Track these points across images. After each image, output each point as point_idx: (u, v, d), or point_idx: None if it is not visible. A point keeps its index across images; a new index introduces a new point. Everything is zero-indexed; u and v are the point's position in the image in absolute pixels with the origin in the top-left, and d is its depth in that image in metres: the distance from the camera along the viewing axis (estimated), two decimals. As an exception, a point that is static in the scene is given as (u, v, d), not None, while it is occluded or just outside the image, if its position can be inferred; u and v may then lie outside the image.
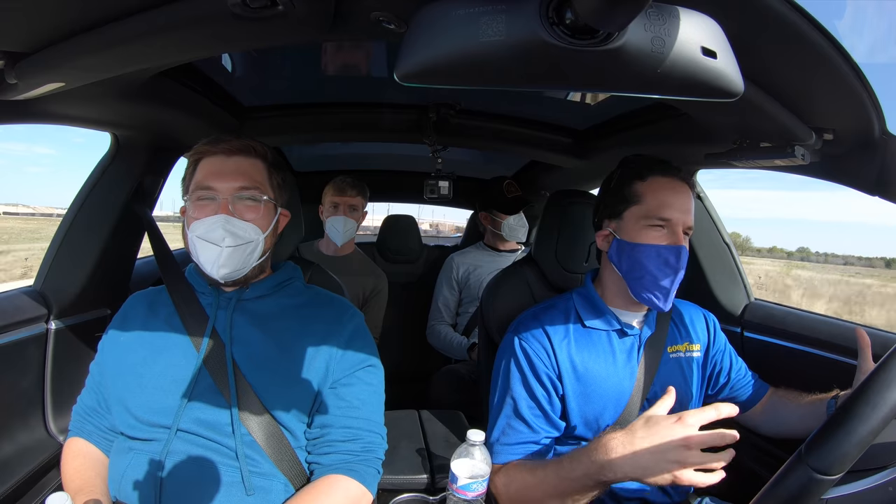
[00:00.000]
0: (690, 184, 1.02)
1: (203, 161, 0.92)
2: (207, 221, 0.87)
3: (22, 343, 1.10)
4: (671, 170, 1.02)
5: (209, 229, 0.87)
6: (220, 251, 0.86)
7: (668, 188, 0.99)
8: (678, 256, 0.96)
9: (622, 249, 1.01)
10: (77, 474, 0.89)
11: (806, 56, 0.66)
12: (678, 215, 0.97)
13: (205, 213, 0.88)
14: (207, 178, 0.90)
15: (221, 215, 0.87)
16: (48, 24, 0.67)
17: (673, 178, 1.01)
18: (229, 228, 0.87)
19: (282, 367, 0.89)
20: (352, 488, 0.87)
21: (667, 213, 0.97)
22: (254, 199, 0.91)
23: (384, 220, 2.58)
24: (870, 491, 0.72)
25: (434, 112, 1.55)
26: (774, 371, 1.18)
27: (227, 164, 0.91)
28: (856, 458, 0.58)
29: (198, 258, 0.89)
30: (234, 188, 0.89)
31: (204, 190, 0.89)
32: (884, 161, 0.89)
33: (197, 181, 0.91)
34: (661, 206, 0.98)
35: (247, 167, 0.92)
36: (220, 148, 0.92)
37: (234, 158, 0.91)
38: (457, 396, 1.79)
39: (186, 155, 1.48)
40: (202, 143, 0.93)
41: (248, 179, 0.90)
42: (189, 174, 0.94)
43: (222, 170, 0.90)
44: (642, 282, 0.98)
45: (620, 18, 0.42)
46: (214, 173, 0.90)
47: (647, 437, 0.79)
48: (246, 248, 0.89)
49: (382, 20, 0.62)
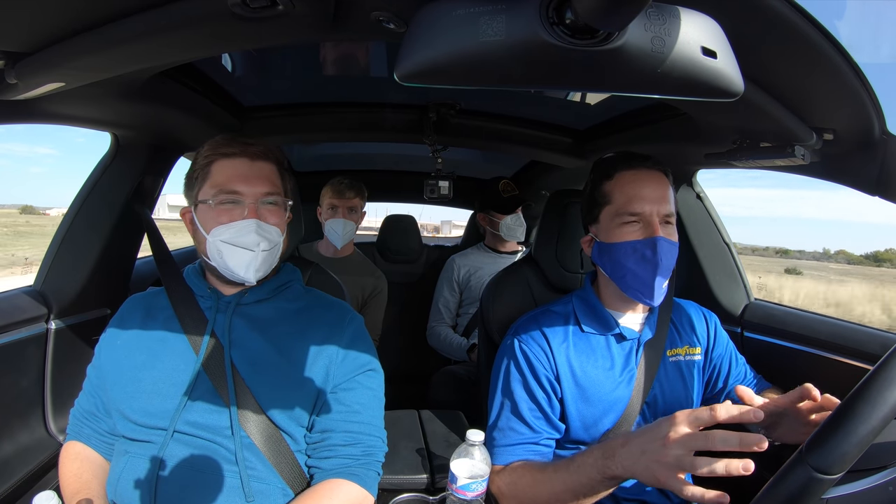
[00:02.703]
0: (663, 171, 1.00)
1: (221, 163, 0.91)
2: (237, 226, 0.87)
3: (22, 343, 1.10)
4: (636, 161, 1.00)
5: (240, 234, 0.87)
6: (254, 255, 0.88)
7: (634, 181, 0.98)
8: (654, 249, 0.94)
9: (602, 251, 1.01)
10: (74, 477, 0.89)
11: (806, 56, 0.66)
12: (648, 206, 0.96)
13: (230, 217, 0.88)
14: (232, 182, 0.89)
15: (253, 220, 0.88)
16: (48, 24, 0.67)
17: (639, 169, 0.99)
18: (262, 233, 0.88)
19: (281, 371, 0.89)
20: (353, 492, 0.87)
21: (636, 207, 0.96)
22: (276, 203, 0.93)
23: (384, 220, 2.58)
24: (870, 491, 0.72)
25: (434, 112, 1.55)
26: (774, 371, 1.18)
27: (252, 168, 0.91)
28: (856, 458, 0.58)
29: (224, 262, 0.89)
30: (261, 193, 0.90)
31: (230, 194, 0.89)
32: (884, 161, 0.89)
33: (218, 184, 0.89)
34: (630, 200, 0.97)
35: (269, 172, 0.93)
36: (246, 151, 0.91)
37: (259, 163, 0.92)
38: (456, 397, 1.79)
39: (188, 154, 1.49)
40: (219, 145, 0.92)
41: (271, 185, 0.92)
42: (200, 175, 0.92)
43: (248, 174, 0.90)
44: (626, 280, 0.97)
45: (620, 18, 0.42)
46: (240, 177, 0.89)
47: (642, 434, 0.78)
48: (274, 251, 0.92)
49: (382, 20, 0.62)
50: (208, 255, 0.90)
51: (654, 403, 1.03)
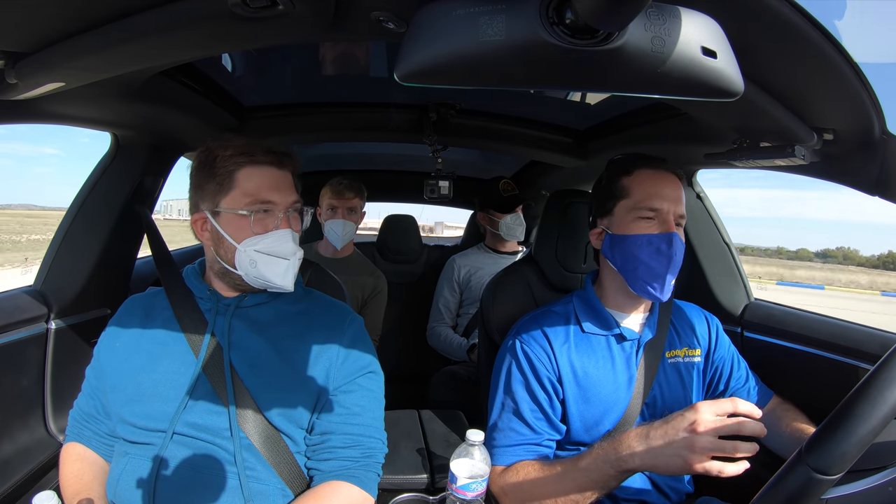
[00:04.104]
0: (678, 174, 1.03)
1: (249, 170, 0.88)
2: (274, 236, 0.88)
3: (22, 343, 1.10)
4: (656, 162, 1.03)
5: (277, 243, 0.88)
6: (289, 264, 0.90)
7: (654, 179, 1.00)
8: (670, 243, 0.96)
9: (615, 243, 1.02)
10: (75, 478, 0.89)
11: (806, 56, 0.66)
12: (667, 205, 0.98)
13: (264, 227, 0.88)
14: (266, 192, 0.88)
15: (288, 230, 0.90)
16: (48, 24, 0.67)
17: (658, 169, 1.02)
18: (296, 242, 0.92)
19: (281, 373, 0.89)
20: (353, 494, 0.87)
21: (655, 203, 0.98)
22: (298, 211, 0.94)
23: (384, 220, 2.58)
24: (870, 491, 0.72)
25: (434, 112, 1.55)
26: (774, 371, 1.18)
27: (282, 178, 0.91)
28: (856, 458, 0.58)
29: (258, 271, 0.88)
30: (290, 202, 0.91)
31: (264, 203, 0.88)
32: (884, 161, 0.89)
33: (249, 193, 0.87)
34: (649, 196, 0.99)
35: (292, 180, 0.94)
36: (272, 160, 0.90)
37: (284, 171, 0.92)
38: (456, 397, 1.79)
39: (187, 155, 1.49)
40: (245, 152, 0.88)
41: (296, 194, 0.94)
42: (225, 182, 0.87)
43: (280, 184, 0.90)
44: (637, 273, 0.98)
45: (620, 18, 0.42)
46: (272, 187, 0.89)
47: (661, 426, 0.82)
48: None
49: (382, 20, 0.62)
50: (236, 265, 0.89)
51: (654, 404, 1.03)
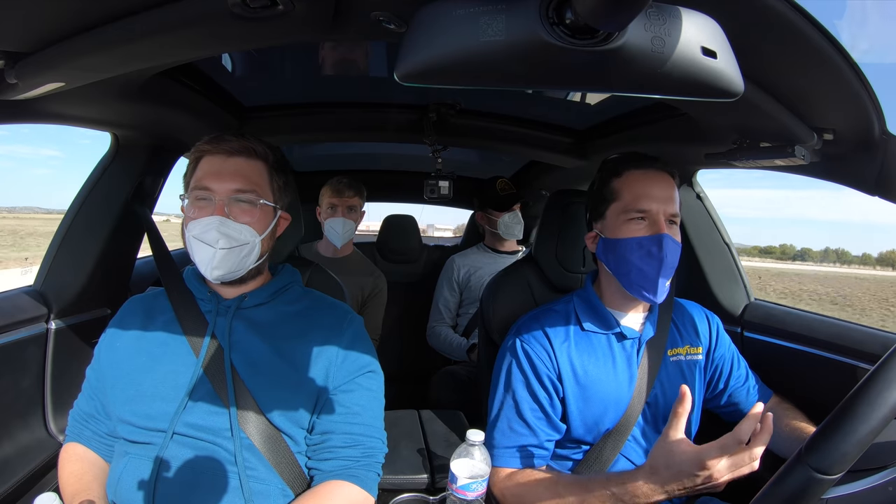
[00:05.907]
0: (670, 172, 1.02)
1: (203, 160, 0.92)
2: (203, 222, 0.87)
3: (22, 343, 1.10)
4: (645, 162, 1.02)
5: (204, 230, 0.87)
6: (213, 252, 0.86)
7: (643, 180, 1.00)
8: (660, 245, 0.95)
9: (607, 247, 1.02)
10: (75, 479, 0.89)
11: (806, 56, 0.66)
12: (655, 205, 0.97)
13: (201, 213, 0.88)
14: (205, 179, 0.89)
15: (216, 217, 0.87)
16: (48, 24, 0.67)
17: (648, 169, 1.01)
18: (223, 230, 0.86)
19: (281, 373, 0.89)
20: (354, 493, 0.87)
21: (644, 205, 0.98)
22: (250, 201, 0.90)
23: (384, 220, 2.58)
24: (870, 491, 0.72)
25: (434, 112, 1.55)
26: (774, 371, 1.18)
27: (225, 164, 0.90)
28: (856, 458, 0.58)
29: (193, 257, 0.90)
30: (231, 190, 0.89)
31: (201, 190, 0.89)
32: (884, 161, 0.89)
33: (195, 180, 0.90)
34: (638, 198, 0.98)
35: (246, 169, 0.91)
36: (221, 148, 0.91)
37: (234, 159, 0.91)
38: (456, 397, 1.79)
39: (187, 154, 1.49)
40: (203, 142, 0.92)
41: (245, 181, 0.90)
42: (189, 172, 0.93)
43: (221, 170, 0.90)
44: (630, 276, 0.98)
45: (620, 18, 0.42)
46: (213, 174, 0.89)
47: (673, 478, 0.81)
48: (241, 251, 0.89)
49: (382, 20, 0.62)
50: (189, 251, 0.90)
51: (655, 403, 1.03)
